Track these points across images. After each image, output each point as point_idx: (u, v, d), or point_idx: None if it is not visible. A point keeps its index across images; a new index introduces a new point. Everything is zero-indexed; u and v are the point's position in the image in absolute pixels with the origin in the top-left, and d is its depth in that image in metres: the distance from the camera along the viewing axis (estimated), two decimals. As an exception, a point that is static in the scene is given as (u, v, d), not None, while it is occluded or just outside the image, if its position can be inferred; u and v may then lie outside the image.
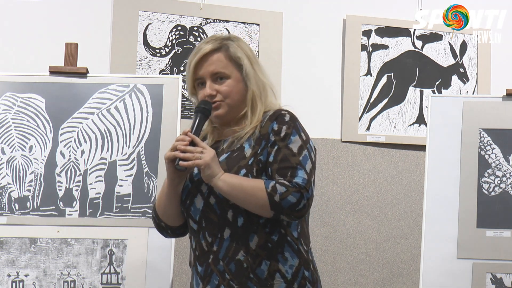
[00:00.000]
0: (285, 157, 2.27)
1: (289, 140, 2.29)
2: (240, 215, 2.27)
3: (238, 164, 2.29)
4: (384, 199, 4.03)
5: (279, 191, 2.21)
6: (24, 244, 3.01)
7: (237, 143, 2.34)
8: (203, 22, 3.91)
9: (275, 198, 2.21)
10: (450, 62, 4.14)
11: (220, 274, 2.27)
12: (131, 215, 3.05)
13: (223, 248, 2.27)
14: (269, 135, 2.31)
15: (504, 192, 3.23)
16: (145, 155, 3.11)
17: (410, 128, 4.07)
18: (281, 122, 2.32)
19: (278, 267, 2.26)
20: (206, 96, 2.36)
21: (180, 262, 3.71)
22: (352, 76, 4.04)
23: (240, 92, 2.38)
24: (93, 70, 3.27)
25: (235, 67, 2.38)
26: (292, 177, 2.24)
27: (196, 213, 2.33)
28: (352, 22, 4.07)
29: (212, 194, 2.30)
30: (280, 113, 2.34)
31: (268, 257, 2.26)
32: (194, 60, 2.38)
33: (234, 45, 2.41)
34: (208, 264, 2.29)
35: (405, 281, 3.97)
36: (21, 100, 3.16)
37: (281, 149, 2.28)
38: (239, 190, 2.23)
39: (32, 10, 3.80)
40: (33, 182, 3.08)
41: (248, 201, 2.23)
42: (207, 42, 2.41)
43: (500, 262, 3.15)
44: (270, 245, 2.27)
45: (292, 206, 2.22)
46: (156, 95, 3.17)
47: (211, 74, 2.37)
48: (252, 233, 2.27)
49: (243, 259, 2.25)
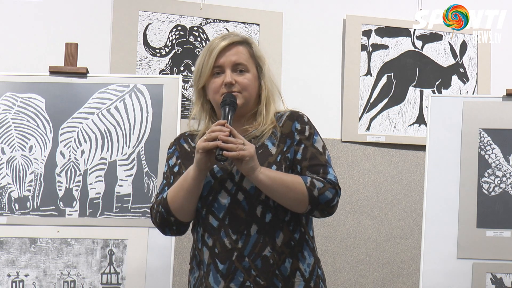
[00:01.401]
0: (313, 156, 2.34)
1: (313, 140, 2.37)
2: (269, 211, 2.30)
3: (267, 160, 2.31)
4: (384, 199, 4.03)
5: (317, 186, 2.28)
6: (24, 244, 3.01)
7: (258, 141, 2.35)
8: (203, 22, 3.91)
9: (314, 193, 2.26)
10: (450, 62, 4.14)
11: (245, 270, 2.28)
12: (131, 215, 3.05)
13: (249, 244, 2.28)
14: (293, 134, 2.36)
15: (504, 192, 3.23)
16: (145, 155, 3.12)
17: (410, 128, 4.07)
18: (302, 123, 2.39)
19: (299, 265, 2.31)
20: (225, 83, 2.36)
21: (180, 262, 3.70)
22: (352, 76, 4.04)
23: (255, 89, 2.42)
24: (93, 70, 3.27)
25: (254, 64, 2.43)
26: (325, 174, 2.32)
27: (220, 210, 2.32)
28: (352, 22, 4.07)
29: (240, 190, 2.31)
30: (298, 114, 2.42)
31: (291, 254, 2.31)
32: (218, 47, 2.38)
33: (254, 45, 2.47)
34: (231, 261, 2.29)
35: (405, 281, 3.97)
36: (21, 100, 3.16)
37: (308, 147, 2.35)
38: (280, 183, 2.25)
39: (32, 10, 3.80)
40: (33, 182, 3.08)
41: (288, 195, 2.26)
42: (228, 36, 2.43)
43: (500, 262, 3.15)
44: (293, 243, 2.31)
45: (328, 201, 2.29)
46: (156, 95, 3.18)
47: (233, 63, 2.39)
48: (279, 230, 2.30)
49: (269, 255, 2.28)
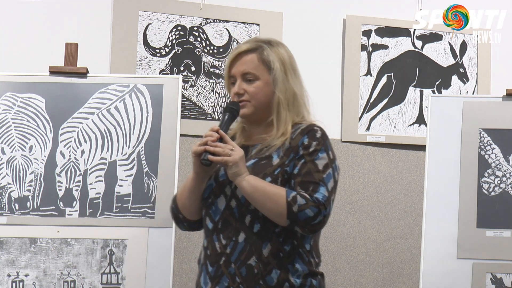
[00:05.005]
0: (309, 172, 2.29)
1: (316, 156, 2.31)
2: (257, 222, 2.29)
3: (264, 171, 2.30)
4: (384, 199, 4.03)
5: (299, 202, 2.24)
6: (24, 244, 3.01)
7: (266, 151, 2.35)
8: (203, 22, 3.91)
9: (293, 208, 2.23)
10: (450, 62, 4.14)
11: (230, 276, 2.28)
12: (131, 215, 3.05)
13: (236, 251, 2.28)
14: (298, 148, 2.33)
15: (504, 192, 3.23)
16: (145, 155, 3.12)
17: (410, 128, 4.07)
18: (312, 138, 2.34)
19: (288, 277, 2.28)
20: (234, 94, 2.38)
21: (180, 262, 3.70)
22: (352, 76, 4.04)
23: (267, 95, 2.38)
24: (93, 70, 3.27)
25: (266, 70, 2.38)
26: (314, 192, 2.27)
27: (216, 214, 2.34)
28: (352, 22, 4.07)
29: (233, 197, 2.32)
30: (312, 129, 2.36)
31: (278, 266, 2.28)
32: (230, 58, 2.41)
33: (270, 49, 2.41)
34: (219, 265, 2.30)
35: (405, 281, 3.97)
36: (21, 100, 3.16)
37: (307, 163, 2.30)
38: (261, 193, 2.25)
39: (32, 10, 3.80)
40: (33, 182, 3.08)
41: (267, 206, 2.25)
42: (246, 42, 2.44)
43: (500, 262, 3.15)
44: (282, 255, 2.29)
45: (308, 219, 2.24)
46: (156, 95, 3.18)
47: (241, 73, 2.38)
48: (266, 241, 2.28)
49: (254, 264, 2.27)
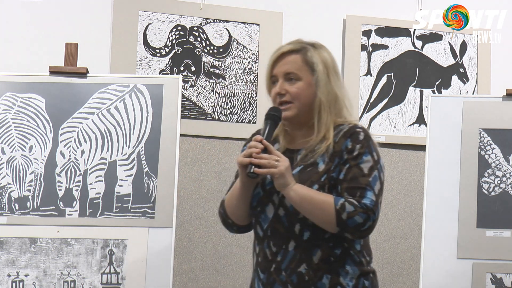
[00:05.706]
0: (355, 177, 2.28)
1: (360, 160, 2.30)
2: (307, 229, 2.28)
3: (311, 179, 2.30)
4: (384, 199, 3.99)
5: (347, 209, 2.24)
6: (24, 244, 3.01)
7: (311, 158, 2.33)
8: (203, 22, 3.91)
9: (343, 216, 2.23)
10: (450, 62, 4.14)
11: (282, 284, 2.29)
12: (131, 215, 3.05)
13: (286, 259, 2.29)
14: (342, 153, 2.31)
15: (504, 192, 3.23)
16: (145, 155, 3.11)
17: (410, 128, 4.07)
18: (355, 141, 2.32)
19: (339, 280, 2.28)
20: (276, 94, 2.37)
21: (180, 262, 3.70)
22: (352, 76, 4.04)
23: (309, 97, 2.37)
24: (93, 70, 3.27)
25: (309, 71, 2.38)
26: (361, 198, 2.26)
27: (265, 222, 2.34)
28: (352, 22, 4.07)
29: (281, 206, 2.32)
30: (355, 131, 2.34)
31: (329, 270, 2.28)
32: (272, 57, 2.40)
33: (314, 50, 2.41)
34: (270, 272, 2.31)
35: (405, 281, 3.97)
36: (21, 100, 3.16)
37: (352, 168, 2.29)
38: (309, 202, 2.25)
39: (32, 10, 3.80)
40: (33, 182, 3.08)
41: (316, 215, 2.25)
42: (289, 43, 2.43)
43: (500, 262, 3.15)
44: (332, 259, 2.29)
45: (358, 226, 2.24)
46: (156, 95, 3.18)
47: (284, 73, 2.37)
48: (316, 248, 2.28)
49: (304, 272, 2.27)
